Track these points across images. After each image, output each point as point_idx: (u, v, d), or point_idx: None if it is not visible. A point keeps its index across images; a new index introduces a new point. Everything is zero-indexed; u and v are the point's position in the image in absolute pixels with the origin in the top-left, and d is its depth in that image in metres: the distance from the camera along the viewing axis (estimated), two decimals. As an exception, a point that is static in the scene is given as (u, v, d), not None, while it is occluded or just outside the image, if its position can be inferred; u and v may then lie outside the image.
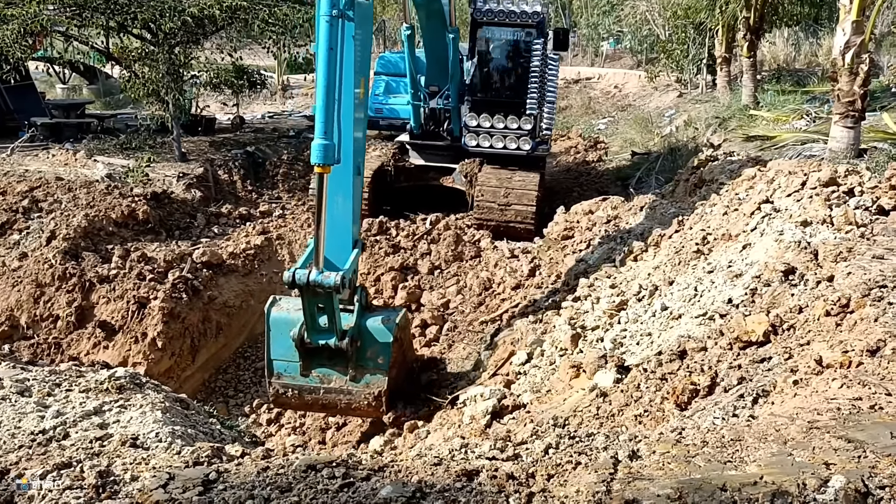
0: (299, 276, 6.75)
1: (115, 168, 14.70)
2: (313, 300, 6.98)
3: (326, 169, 6.51)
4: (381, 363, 7.53)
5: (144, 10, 14.12)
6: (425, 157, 14.15)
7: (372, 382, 7.53)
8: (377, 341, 7.49)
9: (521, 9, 13.06)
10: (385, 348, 7.50)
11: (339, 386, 7.55)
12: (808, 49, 27.24)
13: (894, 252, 5.90)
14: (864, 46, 10.91)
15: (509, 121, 12.94)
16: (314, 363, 7.51)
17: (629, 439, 3.38)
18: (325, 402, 7.72)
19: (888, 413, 3.53)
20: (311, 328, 7.23)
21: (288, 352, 7.44)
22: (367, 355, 7.50)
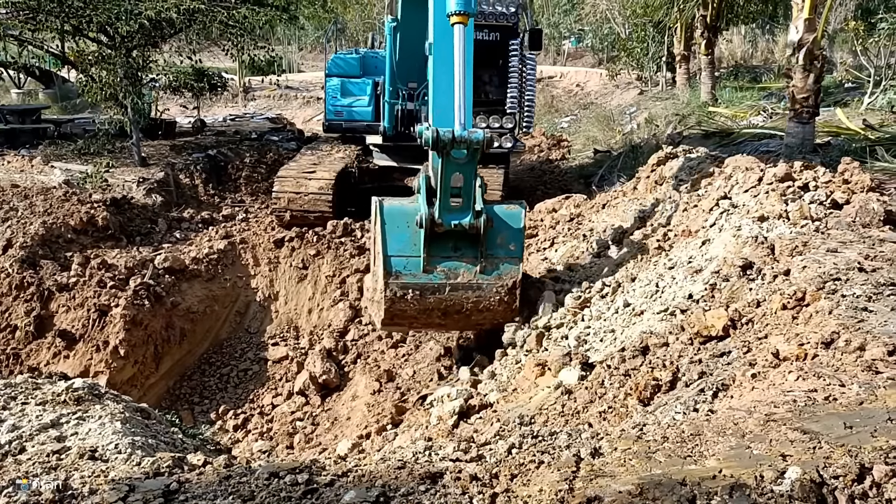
0: (444, 133, 6.17)
1: (73, 174, 14.45)
2: (452, 166, 6.39)
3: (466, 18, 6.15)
4: (513, 250, 6.93)
5: (100, 13, 13.89)
6: (397, 159, 14.11)
7: (504, 273, 6.89)
8: (509, 226, 6.87)
9: (498, 9, 13.16)
10: (517, 234, 6.93)
11: (468, 280, 6.85)
12: (764, 46, 27.78)
13: (847, 245, 6.04)
14: (817, 44, 11.14)
15: (491, 120, 13.04)
16: (438, 256, 6.79)
17: (591, 437, 3.42)
18: (450, 302, 6.93)
19: (842, 404, 3.61)
20: (443, 205, 6.56)
21: (406, 246, 6.74)
22: (496, 242, 6.87)
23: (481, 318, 7.31)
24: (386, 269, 6.86)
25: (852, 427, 3.29)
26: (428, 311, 7.06)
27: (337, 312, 11.30)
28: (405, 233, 6.69)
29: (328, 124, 14.74)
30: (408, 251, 6.75)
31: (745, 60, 27.91)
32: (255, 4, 15.72)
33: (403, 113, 13.62)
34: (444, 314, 7.11)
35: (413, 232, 6.72)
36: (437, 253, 6.77)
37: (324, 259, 12.17)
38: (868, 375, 3.92)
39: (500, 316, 7.21)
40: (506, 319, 7.26)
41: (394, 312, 7.04)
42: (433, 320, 7.30)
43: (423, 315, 7.15)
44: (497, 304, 6.96)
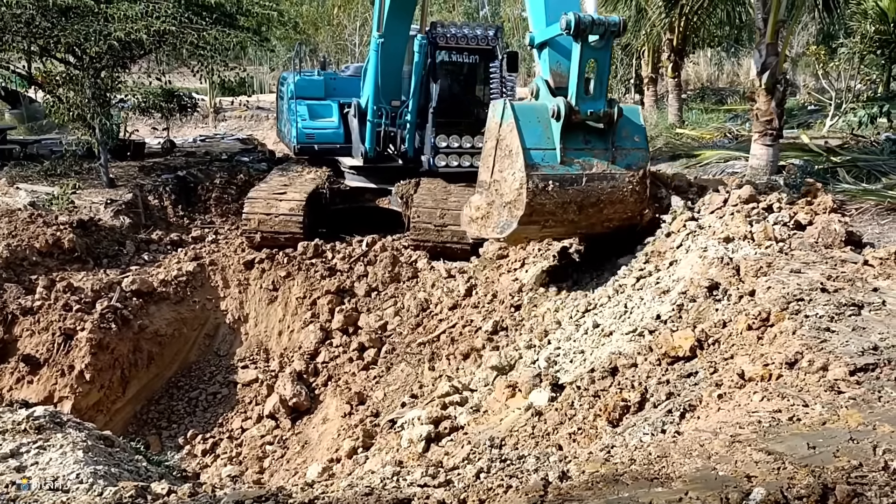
0: (583, 18, 6.59)
1: (39, 195, 14.23)
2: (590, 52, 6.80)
3: None
4: (637, 142, 7.37)
5: (68, 34, 13.77)
6: (374, 180, 14.15)
7: (633, 163, 7.33)
8: (631, 121, 7.34)
9: (479, 33, 13.41)
10: (640, 128, 7.39)
11: (602, 171, 7.21)
12: (729, 69, 28.32)
13: (810, 266, 6.15)
14: (780, 67, 11.39)
15: (476, 140, 13.18)
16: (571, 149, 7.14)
17: (559, 460, 3.43)
18: (587, 192, 7.25)
19: (805, 424, 3.66)
20: (578, 93, 6.93)
21: (541, 139, 7.07)
22: (622, 135, 7.29)
23: (613, 212, 7.63)
24: (526, 161, 7.08)
25: (815, 447, 3.34)
26: (565, 205, 7.32)
27: (308, 334, 11.22)
28: (538, 127, 7.06)
29: (300, 147, 14.73)
30: (543, 144, 7.09)
31: (711, 83, 28.43)
32: (227, 26, 15.69)
33: (385, 134, 13.71)
34: (580, 208, 7.41)
35: (545, 126, 7.09)
36: (571, 146, 7.15)
37: (294, 281, 12.10)
38: (831, 395, 3.98)
39: (630, 208, 7.59)
40: (635, 213, 7.62)
41: (534, 206, 7.21)
42: (569, 215, 7.50)
43: (561, 209, 7.37)
44: (629, 193, 7.37)
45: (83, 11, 13.85)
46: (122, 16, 13.71)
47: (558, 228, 8.03)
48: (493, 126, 7.43)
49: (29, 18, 13.76)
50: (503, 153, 7.35)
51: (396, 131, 13.71)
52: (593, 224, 7.88)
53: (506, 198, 7.45)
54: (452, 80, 14.29)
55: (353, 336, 11.09)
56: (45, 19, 13.93)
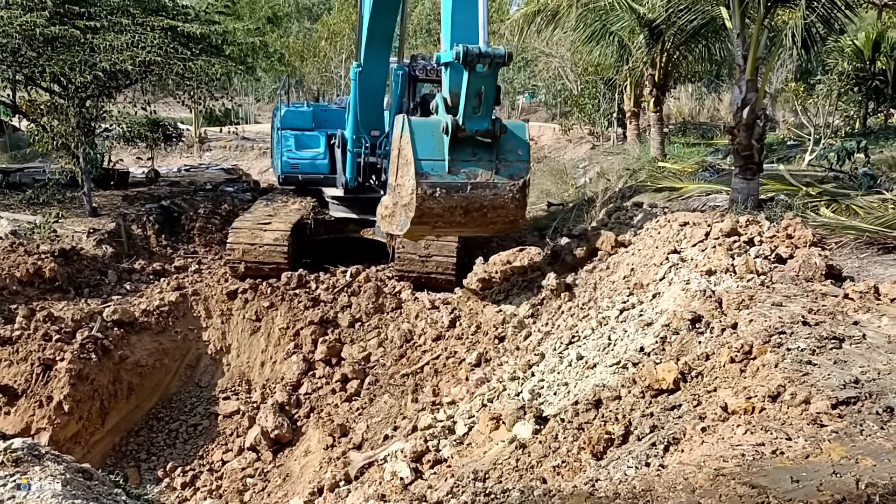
0: (472, 48, 7.29)
1: (21, 224, 14.14)
2: (477, 80, 7.50)
3: None
4: (521, 155, 8.12)
5: (54, 63, 13.78)
6: (356, 211, 14.11)
7: (515, 174, 8.07)
8: (516, 135, 8.12)
9: None
10: (524, 142, 8.14)
11: (485, 180, 7.97)
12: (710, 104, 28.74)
13: (792, 299, 6.21)
14: (759, 103, 11.58)
15: None
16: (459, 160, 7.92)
17: (544, 494, 3.41)
18: (471, 199, 8.00)
19: (788, 457, 3.68)
20: (465, 113, 7.70)
21: (433, 151, 7.86)
22: (507, 148, 8.06)
23: (496, 216, 8.44)
24: (417, 170, 7.93)
25: (799, 481, 3.35)
26: (452, 209, 8.11)
27: (290, 365, 11.14)
28: (431, 140, 7.85)
29: (284, 177, 14.75)
30: (434, 155, 7.94)
31: (693, 117, 28.82)
32: (212, 56, 15.77)
33: (365, 164, 13.66)
34: (465, 212, 8.18)
35: (438, 139, 7.88)
36: (459, 157, 7.98)
37: (277, 311, 12.04)
38: (813, 429, 4.00)
39: (511, 213, 8.38)
40: (516, 219, 8.50)
41: (423, 210, 8.05)
42: (455, 218, 8.35)
43: (448, 213, 8.18)
44: (510, 200, 8.11)
45: (69, 41, 13.89)
46: (107, 46, 13.75)
47: (448, 228, 9.13)
48: (396, 137, 8.37)
49: (15, 48, 13.78)
50: (402, 161, 8.24)
51: (377, 161, 13.70)
52: (479, 226, 8.84)
53: (403, 200, 8.32)
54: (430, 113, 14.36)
55: (336, 367, 11.02)
56: (31, 49, 13.96)
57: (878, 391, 4.31)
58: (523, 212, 8.49)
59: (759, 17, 11.30)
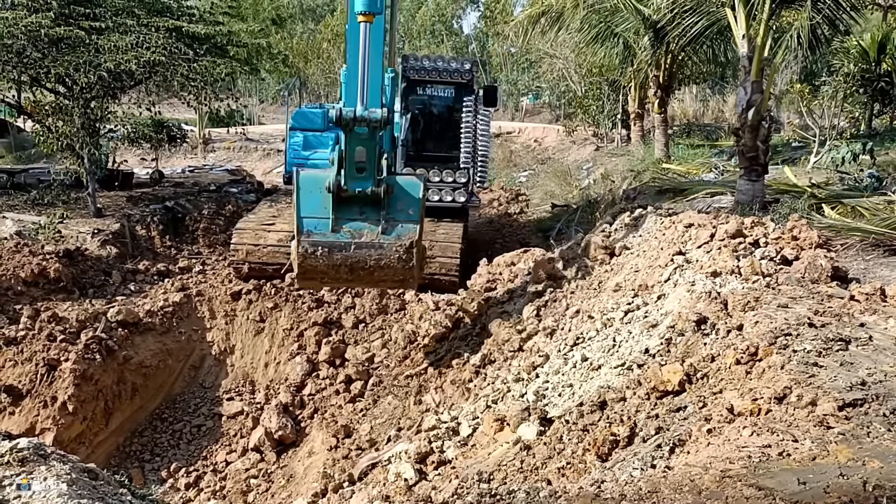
0: (346, 112, 7.04)
1: (26, 225, 14.16)
2: (356, 141, 7.23)
3: (370, 17, 6.89)
4: (411, 215, 7.71)
5: (59, 64, 13.81)
6: None
7: (403, 234, 7.66)
8: (408, 193, 7.69)
9: (453, 66, 13.48)
10: (415, 201, 7.70)
11: (371, 240, 7.63)
12: (714, 105, 28.72)
13: (797, 301, 6.18)
14: (764, 104, 11.56)
15: (445, 174, 13.22)
16: (345, 219, 7.60)
17: (549, 495, 3.40)
18: (355, 259, 7.69)
19: (795, 459, 3.66)
20: (348, 174, 7.40)
21: (318, 209, 7.55)
22: (397, 207, 7.66)
23: (383, 275, 8.12)
24: (299, 228, 7.71)
25: (806, 483, 3.33)
26: (336, 267, 7.84)
27: (294, 366, 11.15)
28: (318, 197, 7.52)
29: (288, 176, 14.80)
30: (319, 213, 7.61)
31: (697, 118, 28.80)
32: (216, 56, 15.79)
33: None
34: (350, 270, 7.90)
35: (325, 196, 7.56)
36: (345, 216, 7.63)
37: (281, 312, 12.05)
38: (820, 431, 3.98)
39: (399, 274, 8.00)
40: (405, 277, 8.08)
41: (305, 268, 7.85)
42: (341, 276, 8.09)
43: (332, 270, 7.91)
44: (396, 261, 7.75)
45: (74, 42, 13.92)
46: (112, 47, 13.78)
47: (338, 283, 9.19)
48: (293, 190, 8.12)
49: (20, 48, 13.81)
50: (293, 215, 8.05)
51: None
52: (367, 283, 8.76)
53: (293, 254, 8.09)
54: (424, 114, 14.40)
55: (339, 368, 11.02)
56: (36, 49, 14.00)
57: (885, 393, 4.29)
58: (414, 272, 8.00)
59: (765, 18, 11.27)
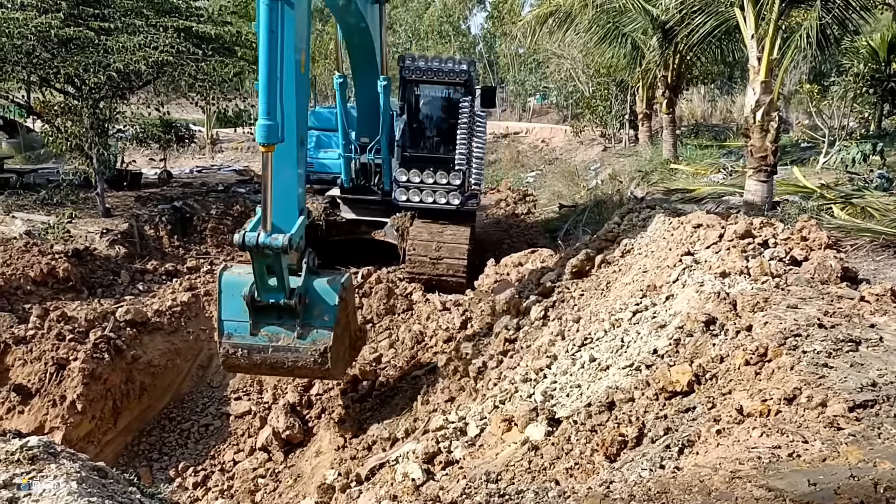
0: (249, 238, 7.14)
1: (35, 224, 14.24)
2: (263, 261, 7.33)
3: (271, 148, 6.86)
4: (326, 321, 7.90)
5: (68, 64, 13.87)
6: (357, 212, 14.18)
7: (318, 339, 7.90)
8: (323, 300, 7.89)
9: (450, 67, 13.36)
10: (330, 307, 7.88)
11: (287, 344, 7.87)
12: (722, 106, 28.63)
13: (807, 301, 6.15)
14: (773, 105, 11.51)
15: (438, 176, 13.12)
16: (263, 322, 7.82)
17: (558, 495, 3.39)
18: (273, 360, 7.97)
19: (805, 460, 3.64)
20: (260, 287, 7.56)
21: (238, 312, 7.76)
22: (313, 313, 7.88)
23: (302, 374, 8.63)
24: (219, 330, 8.02)
25: (816, 484, 3.31)
26: (257, 366, 8.20)
27: (302, 366, 11.14)
28: (238, 301, 7.73)
29: None
30: (239, 317, 7.86)
31: (705, 119, 28.72)
32: (225, 56, 15.84)
33: (358, 167, 13.76)
34: (270, 368, 8.26)
35: (244, 300, 7.76)
36: (263, 320, 7.89)
37: (289, 312, 12.04)
38: (830, 432, 3.96)
39: (317, 374, 8.45)
40: (324, 377, 8.66)
41: (229, 364, 8.26)
42: (263, 371, 8.74)
43: (254, 367, 8.33)
44: (312, 364, 8.03)
45: (83, 43, 13.99)
46: (121, 47, 13.84)
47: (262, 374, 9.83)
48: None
49: (30, 49, 13.88)
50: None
51: (371, 165, 13.78)
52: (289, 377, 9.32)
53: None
54: (420, 115, 14.38)
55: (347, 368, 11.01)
56: (46, 50, 14.07)
57: (895, 394, 4.27)
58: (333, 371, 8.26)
59: (774, 18, 11.23)
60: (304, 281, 7.81)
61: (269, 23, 6.63)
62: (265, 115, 6.68)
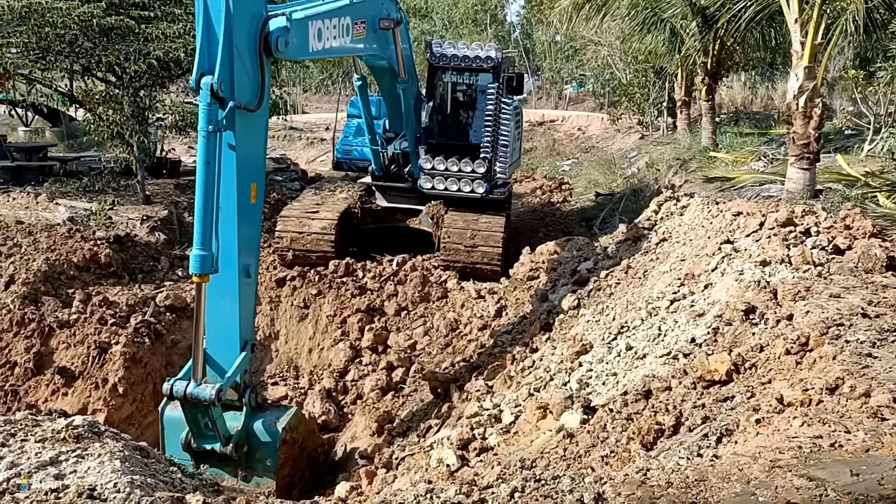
0: (177, 389, 6.65)
1: (78, 211, 14.52)
2: (194, 410, 6.86)
3: (205, 278, 6.44)
4: (269, 465, 7.40)
5: (109, 53, 14.09)
6: (391, 199, 14.21)
7: (262, 483, 7.42)
8: (263, 444, 7.38)
9: (477, 54, 13.23)
10: (272, 451, 7.37)
11: (232, 485, 7.31)
12: (763, 93, 28.08)
13: (850, 291, 6.03)
14: (817, 91, 11.26)
15: (463, 164, 13.04)
16: (207, 463, 7.31)
17: (595, 481, 3.38)
18: None
19: (847, 451, 3.58)
20: (196, 434, 7.09)
21: (180, 452, 7.22)
22: (255, 457, 7.38)
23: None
24: None
25: (859, 475, 3.26)
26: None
27: (337, 352, 11.24)
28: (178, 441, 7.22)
29: (336, 161, 15.03)
30: (182, 455, 7.23)
31: (746, 107, 28.20)
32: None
33: (388, 157, 13.79)
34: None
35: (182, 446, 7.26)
36: (206, 460, 7.33)
37: (325, 299, 12.14)
38: (874, 422, 3.88)
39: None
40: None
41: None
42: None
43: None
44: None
45: (124, 32, 14.19)
46: (160, 35, 14.01)
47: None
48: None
49: (72, 38, 14.12)
50: None
51: (400, 154, 13.77)
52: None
53: None
54: (446, 102, 14.29)
55: (382, 355, 11.08)
56: (88, 39, 14.30)
57: (942, 385, 4.17)
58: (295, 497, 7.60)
59: (818, 1, 10.97)
60: (245, 422, 7.29)
61: (205, 154, 6.28)
62: (198, 244, 6.29)
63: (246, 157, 6.86)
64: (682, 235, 9.70)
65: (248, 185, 6.96)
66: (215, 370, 6.86)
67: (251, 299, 7.54)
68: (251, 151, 7.01)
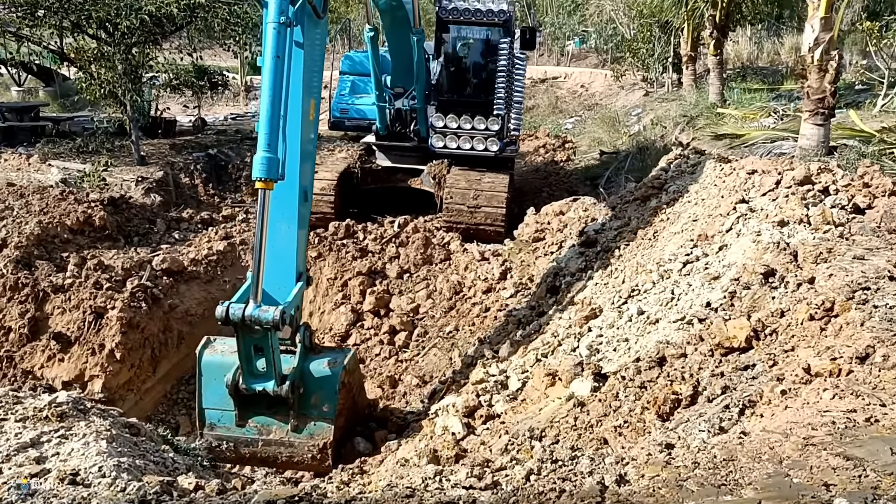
0: (233, 311, 5.97)
1: (71, 172, 14.20)
2: (249, 339, 6.20)
3: (269, 185, 5.88)
4: (326, 411, 6.72)
5: (100, 8, 13.64)
6: (392, 159, 13.86)
7: (316, 433, 6.74)
8: (322, 387, 6.71)
9: (488, 7, 12.75)
10: (331, 395, 6.72)
11: (280, 437, 6.75)
12: (770, 48, 27.48)
13: (874, 252, 5.76)
14: (833, 43, 10.84)
15: (476, 121, 12.65)
16: (251, 412, 6.70)
17: (616, 462, 3.15)
18: (265, 455, 6.87)
19: (885, 426, 3.34)
20: (247, 372, 6.42)
21: (222, 400, 6.63)
22: (310, 402, 6.71)
23: (300, 468, 7.24)
24: (201, 419, 6.88)
25: (900, 454, 3.03)
26: (245, 459, 7.02)
27: (338, 316, 11.03)
28: (222, 385, 6.54)
29: (333, 121, 14.57)
30: (223, 405, 6.66)
31: (752, 62, 27.61)
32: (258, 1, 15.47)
33: (393, 114, 13.36)
34: (262, 462, 7.08)
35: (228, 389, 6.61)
36: (251, 409, 6.70)
37: (325, 261, 11.89)
38: (911, 395, 3.65)
39: (315, 469, 7.05)
40: (324, 472, 7.00)
41: (216, 455, 6.88)
42: (253, 464, 7.26)
43: (242, 460, 7.09)
44: (310, 460, 6.85)
45: (115, -15, 13.73)
46: (153, -10, 13.57)
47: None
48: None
49: (61, -7, 13.67)
50: None
51: (407, 112, 13.35)
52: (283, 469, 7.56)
53: None
54: (457, 58, 13.85)
55: (384, 318, 10.87)
56: (77, -6, 13.85)
57: (981, 354, 3.92)
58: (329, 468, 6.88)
59: (835, -51, 10.49)
60: (299, 363, 6.63)
61: (276, 47, 5.82)
62: (265, 146, 5.77)
63: (308, 67, 6.52)
64: (694, 195, 9.40)
65: (308, 99, 6.61)
66: (267, 302, 6.16)
67: (307, 227, 7.06)
68: (313, 60, 6.68)
